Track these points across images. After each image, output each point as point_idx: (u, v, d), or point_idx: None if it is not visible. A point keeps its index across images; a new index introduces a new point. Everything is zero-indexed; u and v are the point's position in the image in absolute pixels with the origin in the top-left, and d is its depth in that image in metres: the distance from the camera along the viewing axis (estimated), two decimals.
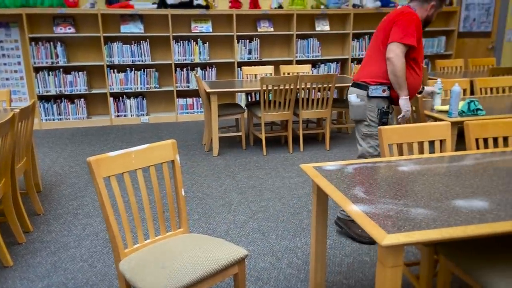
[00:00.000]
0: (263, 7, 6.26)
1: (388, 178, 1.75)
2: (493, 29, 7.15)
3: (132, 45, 5.91)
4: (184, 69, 6.14)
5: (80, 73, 5.81)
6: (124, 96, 6.05)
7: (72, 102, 5.92)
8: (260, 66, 5.37)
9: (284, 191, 3.60)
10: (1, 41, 5.73)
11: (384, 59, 2.66)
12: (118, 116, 6.08)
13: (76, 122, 5.95)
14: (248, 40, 6.24)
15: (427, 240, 1.28)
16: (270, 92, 4.36)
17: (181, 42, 6.03)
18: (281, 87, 4.31)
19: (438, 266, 1.80)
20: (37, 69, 5.72)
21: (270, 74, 5.31)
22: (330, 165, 1.92)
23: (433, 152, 2.20)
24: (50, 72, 5.73)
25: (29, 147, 3.15)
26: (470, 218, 1.38)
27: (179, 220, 2.00)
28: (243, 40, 6.23)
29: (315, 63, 6.65)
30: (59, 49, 5.68)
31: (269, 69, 5.34)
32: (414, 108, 3.12)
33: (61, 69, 5.78)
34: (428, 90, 3.14)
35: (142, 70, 6.00)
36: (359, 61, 6.69)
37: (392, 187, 1.65)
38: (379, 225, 1.34)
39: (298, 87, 4.40)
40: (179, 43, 6.02)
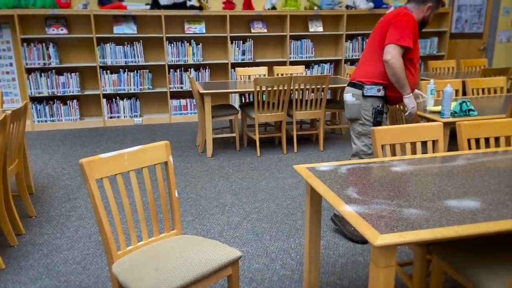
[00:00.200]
0: (257, 8, 6.27)
1: (381, 179, 1.76)
2: (485, 30, 7.21)
3: (125, 46, 5.88)
4: (178, 70, 6.12)
5: (73, 74, 5.78)
6: (117, 97, 6.03)
7: (65, 104, 5.89)
8: (254, 67, 5.37)
9: (278, 192, 3.61)
10: None
11: (380, 60, 2.68)
12: (111, 118, 6.05)
13: (69, 124, 5.92)
14: (242, 41, 6.25)
15: (420, 240, 1.28)
16: (264, 93, 4.36)
17: (175, 43, 6.02)
18: (275, 88, 4.31)
19: (431, 266, 1.81)
20: (29, 70, 5.69)
21: (264, 75, 5.32)
22: (324, 166, 1.93)
23: (426, 153, 2.21)
24: (43, 73, 5.70)
25: (21, 149, 3.12)
26: (462, 218, 1.39)
27: (173, 222, 1.99)
28: (237, 41, 6.23)
29: (309, 64, 6.66)
30: (52, 50, 5.65)
31: (263, 70, 5.34)
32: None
33: (54, 70, 5.74)
34: (417, 93, 3.08)
35: (135, 71, 5.98)
36: (353, 62, 6.72)
37: (385, 188, 1.66)
38: (372, 226, 1.34)
39: (292, 88, 4.40)
40: (173, 44, 6.01)
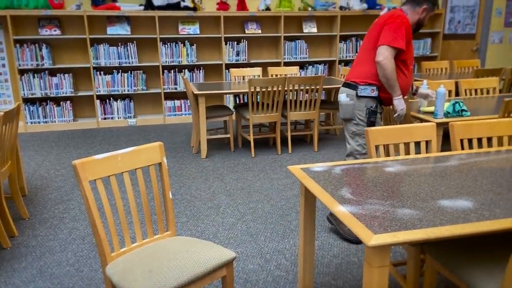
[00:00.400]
0: (251, 9, 6.27)
1: (375, 179, 1.76)
2: (478, 31, 7.26)
3: (119, 47, 5.86)
4: (172, 71, 6.11)
5: (66, 75, 5.75)
6: (111, 99, 6.00)
7: (58, 105, 5.85)
8: (248, 68, 5.37)
9: (273, 193, 3.61)
10: None
11: (374, 61, 2.69)
12: (105, 119, 6.02)
13: (62, 125, 5.88)
14: (236, 42, 6.25)
15: (413, 240, 1.29)
16: (258, 94, 4.36)
17: (169, 44, 6.00)
18: (269, 89, 4.31)
19: (425, 266, 1.82)
20: (22, 72, 5.65)
21: (258, 76, 5.32)
22: (318, 167, 1.93)
23: (419, 153, 2.22)
24: (36, 75, 5.66)
25: (14, 151, 3.10)
26: (455, 218, 1.40)
27: (167, 223, 1.99)
28: (231, 42, 6.22)
29: (303, 65, 6.67)
30: (45, 51, 5.61)
31: (257, 71, 5.35)
32: None
33: (47, 71, 5.71)
34: (423, 92, 3.08)
35: (129, 72, 5.96)
36: (347, 63, 6.74)
37: (379, 188, 1.67)
38: (366, 226, 1.35)
39: (286, 89, 4.41)
40: (167, 45, 6.00)
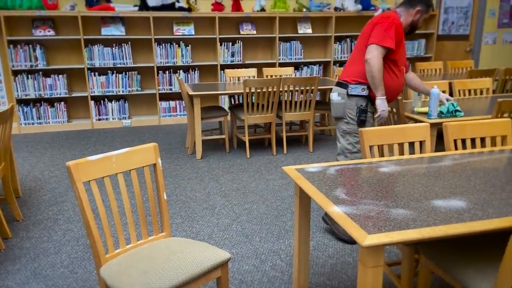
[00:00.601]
0: (246, 10, 6.27)
1: (369, 179, 1.77)
2: (471, 32, 7.31)
3: (113, 48, 5.84)
4: (167, 72, 6.10)
5: (60, 76, 5.72)
6: (106, 100, 5.98)
7: (52, 106, 5.82)
8: (243, 69, 5.37)
9: (268, 194, 3.61)
10: None
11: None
12: (100, 120, 6.00)
13: (56, 126, 5.85)
14: (231, 43, 6.24)
15: (407, 240, 1.30)
16: (253, 95, 4.37)
17: (163, 45, 5.99)
18: (264, 90, 4.32)
19: (419, 266, 1.83)
20: (16, 72, 5.61)
21: (253, 77, 5.32)
22: (313, 167, 1.93)
23: (413, 153, 2.23)
24: (29, 75, 5.63)
25: (8, 152, 3.08)
26: (449, 218, 1.41)
27: (162, 224, 1.98)
28: (226, 43, 6.22)
29: (298, 66, 6.69)
30: (38, 52, 5.59)
31: (252, 72, 5.35)
32: (395, 110, 3.16)
33: (41, 72, 5.68)
34: (442, 99, 3.05)
35: (124, 73, 5.94)
36: (341, 64, 6.75)
37: (373, 188, 1.67)
38: (360, 226, 1.35)
39: (281, 90, 4.42)
40: (161, 46, 5.99)
